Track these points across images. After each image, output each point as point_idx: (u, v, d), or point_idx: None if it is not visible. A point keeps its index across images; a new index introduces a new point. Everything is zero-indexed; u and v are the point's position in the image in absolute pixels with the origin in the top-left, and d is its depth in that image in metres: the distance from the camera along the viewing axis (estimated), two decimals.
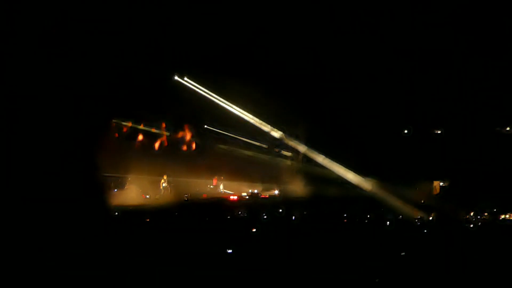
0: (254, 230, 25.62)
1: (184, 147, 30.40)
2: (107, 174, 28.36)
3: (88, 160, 25.29)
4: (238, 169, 29.86)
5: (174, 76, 28.87)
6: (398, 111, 28.40)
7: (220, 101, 29.22)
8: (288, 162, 29.81)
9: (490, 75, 27.07)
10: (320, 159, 29.04)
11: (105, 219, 25.21)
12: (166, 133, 30.23)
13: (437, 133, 29.00)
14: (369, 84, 27.88)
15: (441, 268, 20.87)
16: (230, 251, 22.54)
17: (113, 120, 29.25)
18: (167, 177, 30.24)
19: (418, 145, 28.40)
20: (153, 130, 30.27)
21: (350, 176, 28.79)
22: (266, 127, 29.52)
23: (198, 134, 30.21)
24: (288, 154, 29.80)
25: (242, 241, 23.64)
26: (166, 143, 30.28)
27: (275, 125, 29.49)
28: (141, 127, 30.10)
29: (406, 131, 28.85)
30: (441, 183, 28.91)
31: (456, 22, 26.72)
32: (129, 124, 29.99)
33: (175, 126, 30.29)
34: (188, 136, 30.38)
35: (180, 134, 30.40)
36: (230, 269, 20.76)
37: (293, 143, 29.50)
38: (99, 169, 26.46)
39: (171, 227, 25.28)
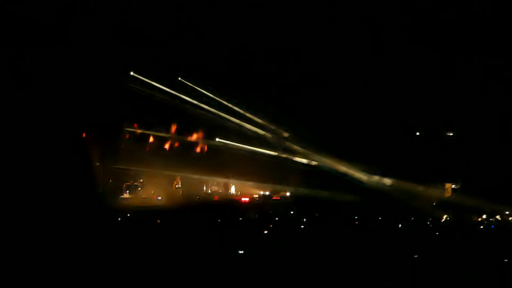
0: (265, 232, 25.63)
1: (196, 150, 30.42)
2: (119, 177, 28.53)
3: (100, 163, 25.40)
4: (250, 171, 29.85)
5: (185, 80, 28.98)
6: (412, 113, 28.41)
7: (228, 102, 29.32)
8: (299, 162, 29.76)
9: (504, 78, 27.06)
10: (331, 159, 29.04)
11: (115, 221, 25.30)
12: (177, 137, 30.27)
13: (449, 135, 28.99)
14: (383, 87, 27.91)
15: (453, 270, 20.82)
16: (241, 252, 22.56)
17: (125, 124, 29.34)
18: (180, 179, 30.30)
19: (431, 147, 28.39)
20: (164, 134, 30.31)
21: (362, 177, 28.76)
22: (276, 128, 29.54)
23: (209, 136, 30.24)
24: (299, 154, 29.75)
25: (253, 243, 23.64)
26: (176, 146, 30.32)
27: (285, 126, 29.51)
28: (152, 131, 30.16)
29: (418, 134, 28.85)
30: (453, 185, 28.87)
31: (468, 25, 26.73)
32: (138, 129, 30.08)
33: (186, 129, 30.34)
34: (199, 139, 30.41)
35: (191, 137, 30.44)
36: (241, 270, 20.79)
37: (302, 144, 29.50)
38: (111, 172, 26.59)
39: (182, 228, 25.30)
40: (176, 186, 30.35)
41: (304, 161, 29.52)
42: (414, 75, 27.72)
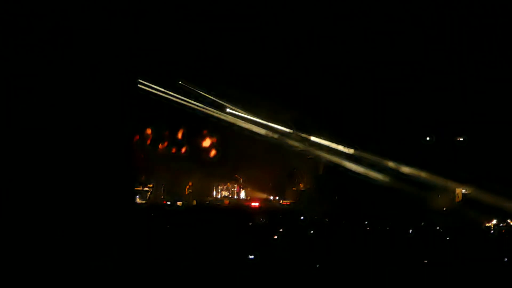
0: (275, 237, 25.65)
1: (207, 154, 30.50)
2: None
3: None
4: (260, 176, 29.94)
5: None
6: (422, 117, 28.35)
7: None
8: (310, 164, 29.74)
9: None
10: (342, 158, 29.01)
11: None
12: (187, 141, 30.36)
13: (459, 140, 28.90)
14: (395, 89, 27.90)
15: (464, 276, 20.72)
16: (251, 257, 22.59)
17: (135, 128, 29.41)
18: (191, 184, 30.42)
19: (441, 152, 28.33)
20: (174, 138, 30.40)
21: (377, 176, 28.72)
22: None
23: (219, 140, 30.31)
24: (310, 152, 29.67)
25: (264, 247, 23.68)
26: (187, 150, 30.41)
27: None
28: (163, 135, 30.25)
29: (428, 138, 28.79)
30: (463, 190, 28.78)
31: (480, 29, 26.64)
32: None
33: (197, 133, 30.42)
34: (208, 142, 30.47)
35: (202, 141, 30.50)
36: (251, 275, 20.81)
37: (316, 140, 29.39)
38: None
39: (191, 232, 25.36)
40: (188, 190, 30.47)
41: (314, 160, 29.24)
42: (430, 76, 27.64)
